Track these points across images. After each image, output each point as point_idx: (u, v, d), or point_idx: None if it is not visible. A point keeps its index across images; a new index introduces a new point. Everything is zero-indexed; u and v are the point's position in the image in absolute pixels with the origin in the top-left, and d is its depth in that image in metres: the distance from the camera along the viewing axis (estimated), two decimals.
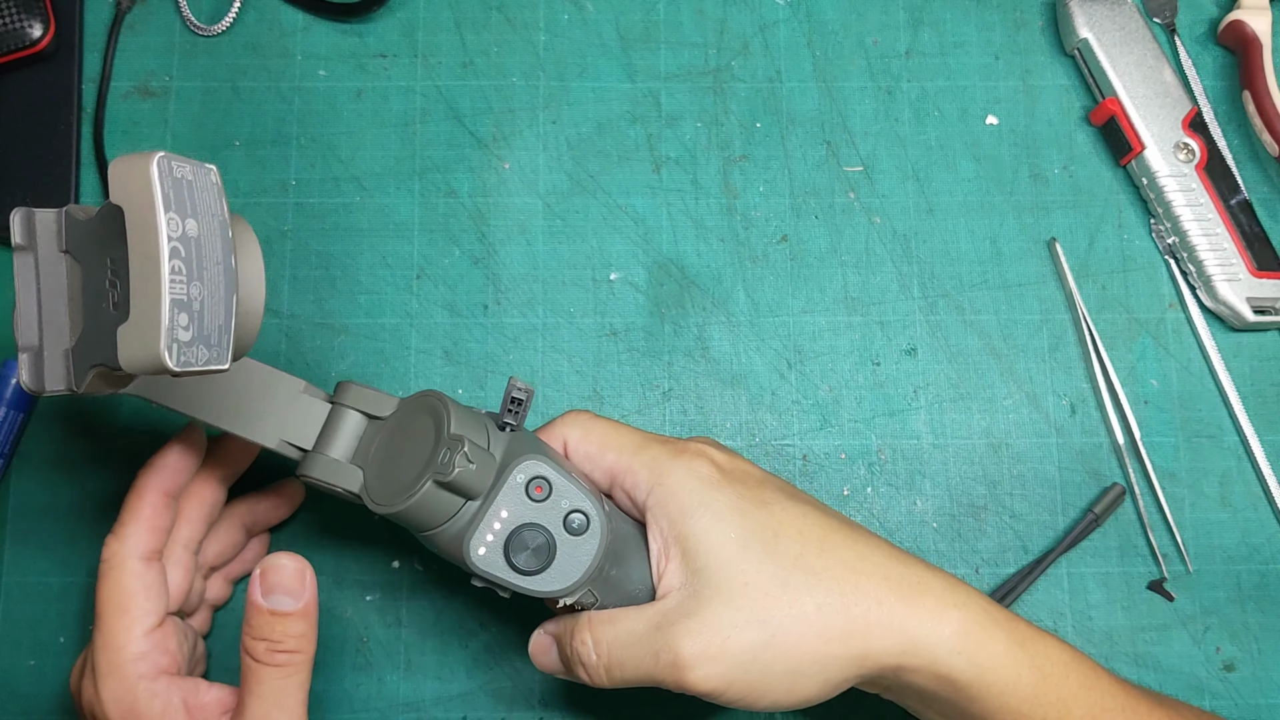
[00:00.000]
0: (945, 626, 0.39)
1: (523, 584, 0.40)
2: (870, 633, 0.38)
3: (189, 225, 0.32)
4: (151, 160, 0.31)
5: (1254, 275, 0.56)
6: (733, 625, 0.38)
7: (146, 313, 0.31)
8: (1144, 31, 0.58)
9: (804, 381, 0.56)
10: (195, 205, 0.32)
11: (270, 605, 0.40)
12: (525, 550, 0.39)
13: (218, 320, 0.33)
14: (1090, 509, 0.54)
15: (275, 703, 0.40)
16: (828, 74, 0.59)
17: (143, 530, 0.44)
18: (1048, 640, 0.41)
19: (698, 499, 0.40)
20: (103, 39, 0.58)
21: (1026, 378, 0.56)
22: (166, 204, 0.31)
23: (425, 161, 0.57)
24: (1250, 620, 0.54)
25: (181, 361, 0.31)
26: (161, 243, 0.31)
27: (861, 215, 0.58)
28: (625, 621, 0.40)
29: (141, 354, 0.31)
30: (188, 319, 0.31)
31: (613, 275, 0.56)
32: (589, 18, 0.59)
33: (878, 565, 0.40)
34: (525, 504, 0.39)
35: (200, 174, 0.33)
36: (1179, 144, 0.57)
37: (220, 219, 0.33)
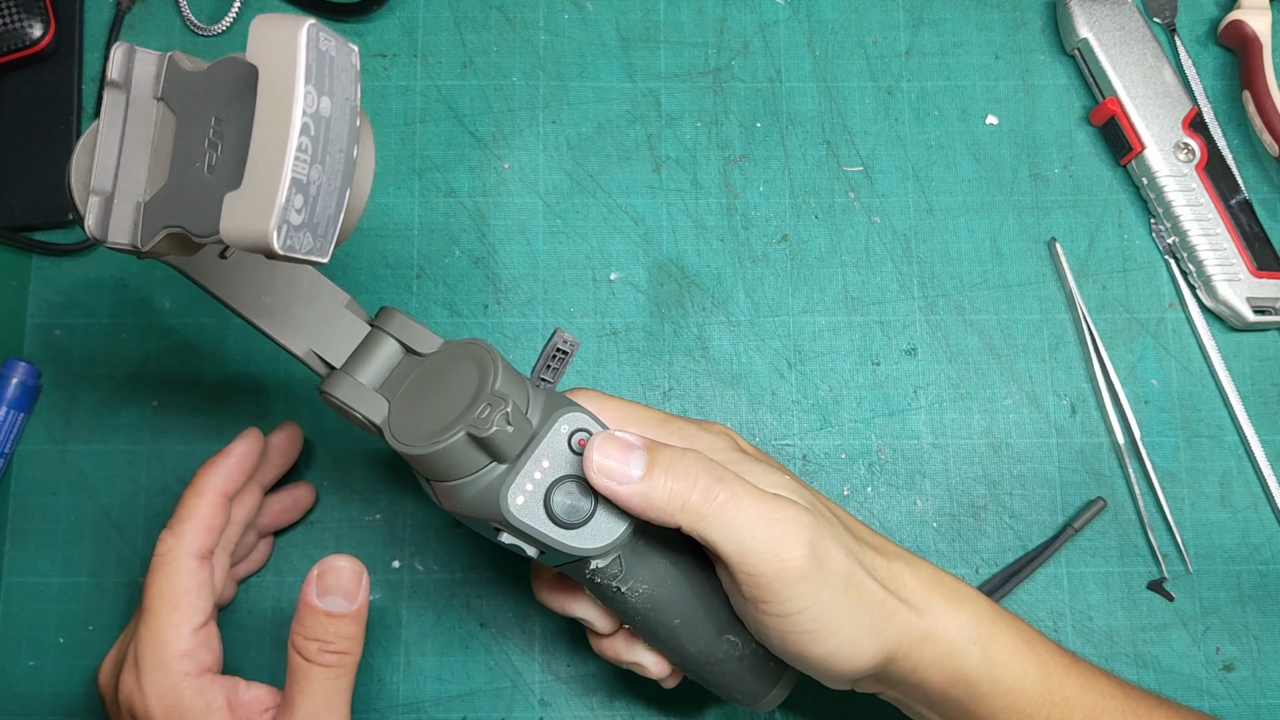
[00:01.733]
0: (962, 615, 0.39)
1: (561, 538, 0.37)
2: (898, 613, 0.38)
3: (323, 104, 0.29)
4: (302, 26, 0.29)
5: (1254, 275, 0.56)
6: (833, 538, 0.37)
7: (262, 185, 0.29)
8: (1144, 31, 0.58)
9: (804, 381, 0.56)
10: (333, 84, 0.30)
11: (325, 606, 0.40)
12: (566, 503, 0.37)
13: (329, 210, 0.31)
14: (1070, 523, 0.54)
15: (325, 702, 0.40)
16: (828, 74, 0.59)
17: (200, 529, 0.44)
18: (1048, 641, 0.42)
19: (735, 461, 0.40)
20: (103, 39, 0.58)
21: (1026, 378, 0.56)
22: (308, 75, 0.29)
23: (425, 161, 0.57)
24: (1250, 620, 0.54)
25: (286, 245, 0.29)
26: (295, 116, 0.28)
27: (861, 215, 0.57)
28: (747, 481, 0.38)
29: (247, 227, 0.29)
30: (302, 201, 0.29)
31: (613, 275, 0.56)
32: (589, 17, 0.59)
33: (897, 553, 0.41)
34: (567, 456, 0.38)
35: (343, 52, 0.30)
36: (1179, 144, 0.56)
37: (352, 104, 0.31)
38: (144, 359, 0.55)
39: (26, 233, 0.56)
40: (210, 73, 0.33)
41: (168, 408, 0.55)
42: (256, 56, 0.29)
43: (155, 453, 0.54)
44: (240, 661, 0.52)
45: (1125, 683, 0.43)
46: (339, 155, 0.30)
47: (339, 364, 0.41)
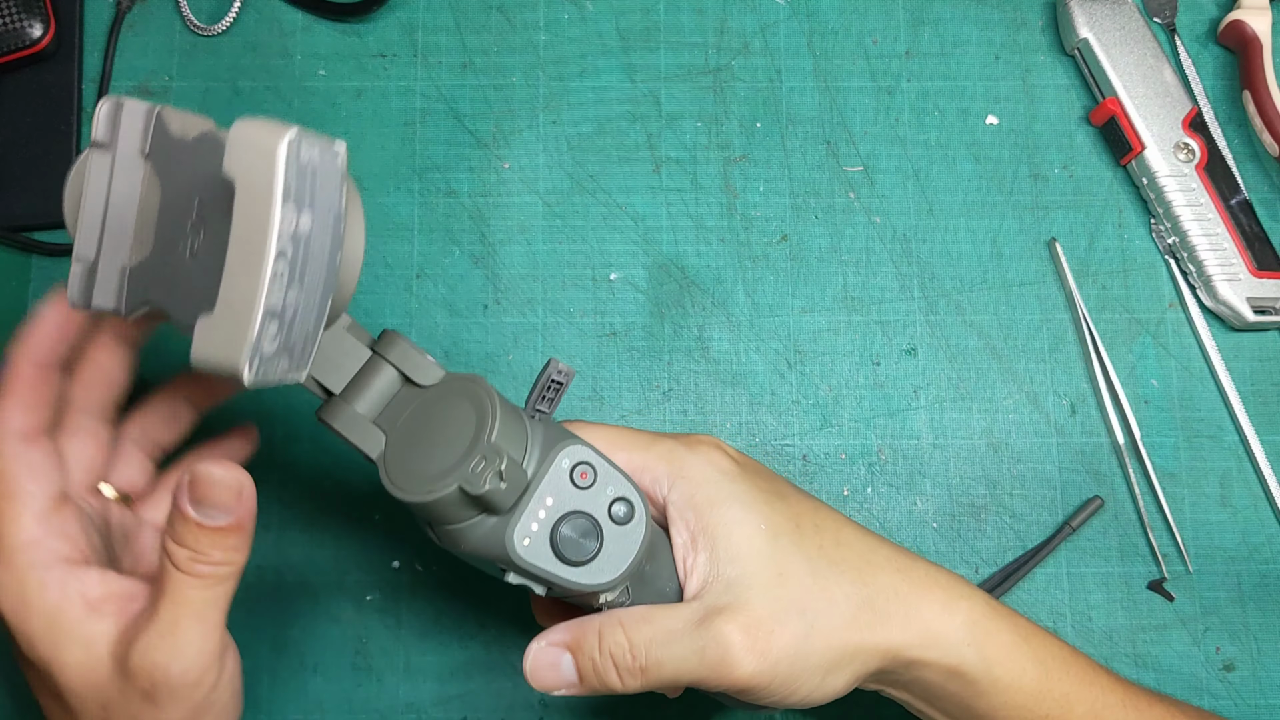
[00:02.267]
0: (956, 617, 0.39)
1: (570, 576, 0.37)
2: (892, 624, 0.39)
3: (303, 220, 0.28)
4: (281, 141, 0.27)
5: (1254, 275, 0.56)
6: (775, 618, 0.37)
7: (235, 315, 0.27)
8: (1144, 31, 0.58)
9: (804, 381, 0.56)
10: (315, 196, 0.28)
11: (199, 518, 0.34)
12: (573, 539, 0.37)
13: (307, 328, 0.29)
14: (1067, 522, 0.54)
15: (193, 612, 0.35)
16: (828, 74, 0.59)
17: (16, 407, 0.37)
18: (1046, 636, 0.41)
19: (724, 490, 0.39)
20: (103, 39, 0.58)
21: (1027, 378, 0.56)
22: (286, 193, 0.27)
23: (425, 161, 0.57)
24: (1250, 620, 0.54)
25: (259, 375, 0.28)
26: (270, 242, 0.27)
27: (862, 215, 0.57)
28: (662, 619, 0.38)
29: (217, 356, 0.28)
30: (277, 328, 0.28)
31: (613, 275, 0.56)
32: (589, 17, 0.59)
33: (888, 558, 0.40)
34: (570, 491, 0.37)
35: (327, 156, 0.28)
36: (1179, 144, 0.56)
37: (336, 211, 0.29)
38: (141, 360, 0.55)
39: (26, 233, 0.56)
40: (196, 147, 0.31)
41: None
42: (234, 170, 0.27)
43: None
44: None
45: (1123, 679, 0.43)
46: (319, 269, 0.29)
47: (338, 390, 0.40)
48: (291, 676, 0.52)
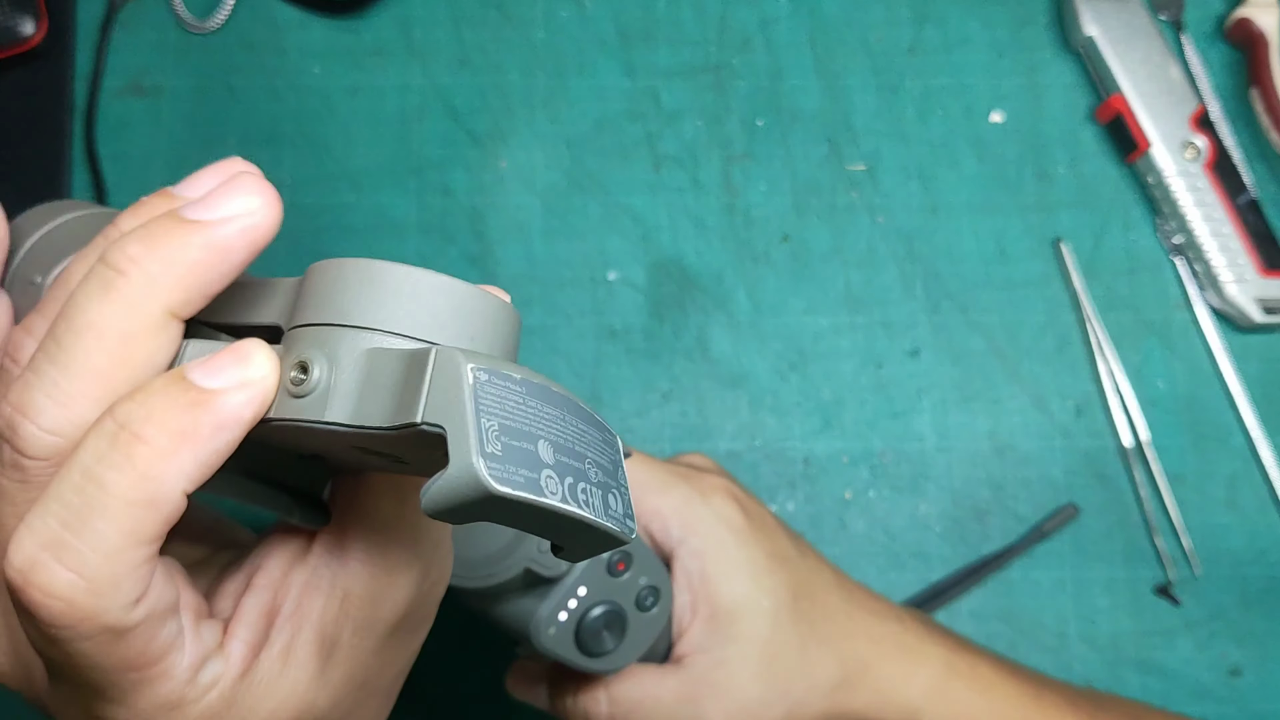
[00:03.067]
0: (915, 682, 0.42)
1: (586, 665, 0.37)
2: (858, 694, 0.41)
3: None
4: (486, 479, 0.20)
5: (1262, 275, 0.55)
6: (762, 704, 0.38)
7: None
8: (1150, 28, 0.57)
9: (806, 383, 0.55)
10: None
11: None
12: (600, 633, 0.36)
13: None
14: (1039, 527, 0.53)
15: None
16: (830, 71, 0.58)
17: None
18: (1010, 683, 0.43)
19: (736, 557, 0.40)
20: (95, 36, 0.57)
21: (1032, 379, 0.55)
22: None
23: (421, 160, 0.57)
24: (1257, 625, 0.53)
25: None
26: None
27: (864, 214, 0.57)
28: (648, 684, 0.38)
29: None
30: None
31: (611, 275, 0.56)
32: (588, 14, 0.59)
33: (865, 628, 0.42)
34: (605, 580, 0.36)
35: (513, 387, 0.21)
36: (1186, 142, 0.56)
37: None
38: None
39: None
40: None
41: None
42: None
43: None
44: None
45: (1099, 707, 0.45)
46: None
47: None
48: None
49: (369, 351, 0.21)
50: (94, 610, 0.21)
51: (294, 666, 0.25)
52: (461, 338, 0.22)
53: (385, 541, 0.26)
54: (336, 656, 0.26)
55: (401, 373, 0.20)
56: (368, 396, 0.21)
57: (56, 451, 0.23)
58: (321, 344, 0.22)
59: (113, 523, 0.21)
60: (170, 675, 0.23)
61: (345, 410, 0.21)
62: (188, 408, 0.21)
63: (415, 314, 0.22)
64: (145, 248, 0.23)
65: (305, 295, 0.23)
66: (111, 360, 0.22)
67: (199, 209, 0.23)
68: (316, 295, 0.23)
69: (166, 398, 0.21)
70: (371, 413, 0.21)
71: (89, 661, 0.22)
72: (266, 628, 0.26)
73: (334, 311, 0.22)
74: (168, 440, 0.21)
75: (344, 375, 0.21)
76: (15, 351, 0.26)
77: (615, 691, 0.38)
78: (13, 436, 0.23)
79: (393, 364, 0.21)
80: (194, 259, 0.23)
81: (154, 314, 0.22)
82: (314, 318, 0.22)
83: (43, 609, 0.21)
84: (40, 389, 0.23)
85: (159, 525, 0.21)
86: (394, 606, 0.27)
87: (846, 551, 0.54)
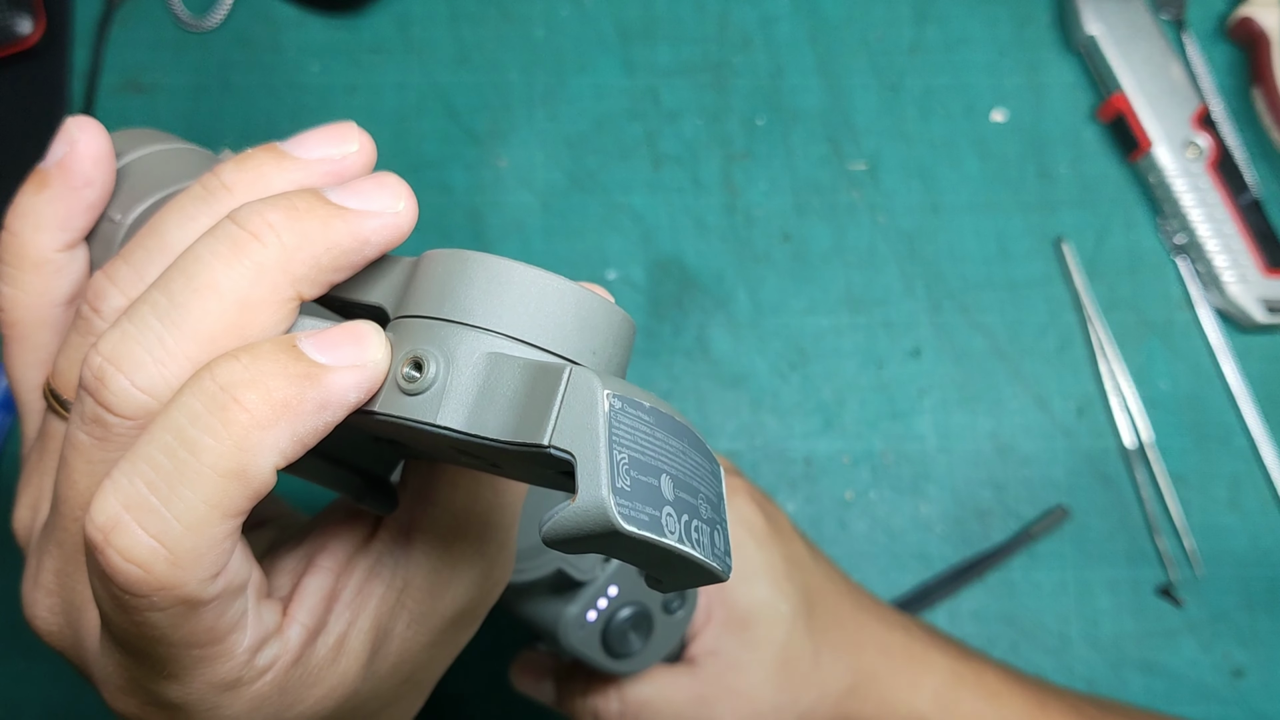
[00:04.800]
0: (923, 692, 0.42)
1: (610, 666, 0.36)
2: (867, 703, 0.41)
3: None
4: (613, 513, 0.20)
5: (1265, 274, 0.55)
6: (775, 709, 0.38)
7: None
8: (1152, 27, 0.57)
9: (806, 383, 0.55)
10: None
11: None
12: (627, 634, 0.36)
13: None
14: (1027, 529, 0.53)
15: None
16: (831, 70, 0.58)
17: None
18: (1016, 691, 0.43)
19: (756, 561, 0.39)
20: (92, 34, 0.57)
21: (1033, 379, 0.55)
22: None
23: (420, 158, 0.56)
24: (1260, 626, 0.53)
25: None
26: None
27: (865, 213, 0.57)
28: (660, 685, 0.38)
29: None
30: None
31: (611, 274, 0.56)
32: (587, 12, 0.58)
33: (874, 636, 0.42)
34: (636, 582, 0.36)
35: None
36: (1188, 141, 0.56)
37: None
38: None
39: None
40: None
41: None
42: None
43: None
44: None
45: (1104, 711, 0.45)
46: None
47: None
48: None
49: (490, 355, 0.21)
50: (172, 582, 0.20)
51: (346, 654, 0.25)
52: (585, 351, 0.21)
53: (453, 535, 0.25)
54: (387, 647, 0.25)
55: (526, 385, 0.20)
56: (486, 404, 0.20)
57: (145, 412, 0.21)
58: (438, 340, 0.21)
59: (201, 492, 0.20)
60: (230, 655, 0.22)
61: (460, 416, 0.20)
62: (295, 379, 0.20)
63: (541, 321, 0.21)
64: (286, 218, 0.22)
65: (420, 283, 0.22)
66: (226, 326, 0.21)
67: (347, 195, 0.23)
68: (434, 286, 0.22)
69: (275, 364, 0.20)
70: (489, 423, 0.20)
71: (155, 633, 0.21)
72: (325, 613, 0.24)
73: (454, 307, 0.21)
74: (269, 410, 0.20)
75: (461, 377, 0.20)
76: (97, 300, 0.24)
77: (627, 690, 0.38)
78: (99, 389, 0.21)
79: (517, 374, 0.20)
80: (333, 241, 0.22)
81: (281, 287, 0.21)
82: (431, 310, 0.22)
83: (120, 573, 0.20)
84: (140, 343, 0.21)
85: (247, 500, 0.20)
86: (452, 602, 0.26)
87: (847, 552, 0.53)
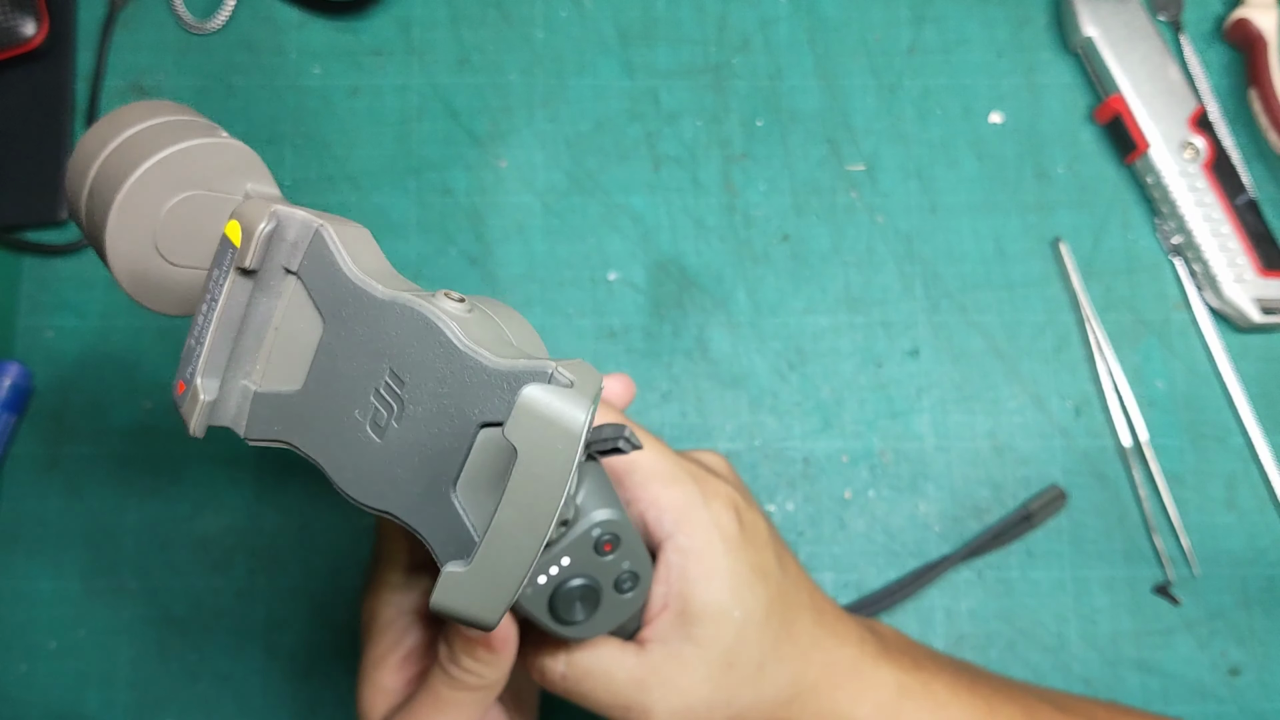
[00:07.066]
0: (862, 708, 0.42)
1: (554, 629, 0.37)
2: (804, 712, 0.41)
3: (570, 487, 0.26)
4: (583, 435, 0.25)
5: (1261, 275, 0.55)
6: (708, 706, 0.39)
7: (497, 579, 0.26)
8: (1149, 29, 0.57)
9: (805, 383, 0.55)
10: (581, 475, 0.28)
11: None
12: (573, 603, 0.37)
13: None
14: (1025, 506, 0.53)
15: (436, 704, 0.38)
16: (829, 71, 0.58)
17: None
18: (961, 702, 0.44)
19: (719, 565, 0.40)
20: (96, 37, 0.58)
21: (1031, 379, 0.55)
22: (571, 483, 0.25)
23: (421, 160, 0.57)
24: (1256, 624, 0.53)
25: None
26: (550, 525, 0.26)
27: (864, 214, 0.57)
28: (606, 658, 0.39)
29: (467, 609, 0.26)
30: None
31: (611, 275, 0.56)
32: (587, 14, 0.59)
33: (825, 651, 0.42)
34: (589, 557, 0.36)
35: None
36: (1184, 142, 0.56)
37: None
38: (136, 360, 0.55)
39: (18, 232, 0.55)
40: (395, 310, 0.28)
41: (160, 410, 0.54)
42: (522, 442, 0.25)
43: (147, 456, 0.54)
44: (232, 668, 0.52)
45: (1060, 709, 0.45)
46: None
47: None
48: (285, 681, 0.52)
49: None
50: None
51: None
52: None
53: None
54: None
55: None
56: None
57: None
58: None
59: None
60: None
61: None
62: None
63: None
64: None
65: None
66: None
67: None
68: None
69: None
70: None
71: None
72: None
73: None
74: None
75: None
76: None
77: (575, 656, 0.39)
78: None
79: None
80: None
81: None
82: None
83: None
84: None
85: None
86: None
87: (846, 551, 0.54)
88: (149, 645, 0.52)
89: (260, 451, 0.54)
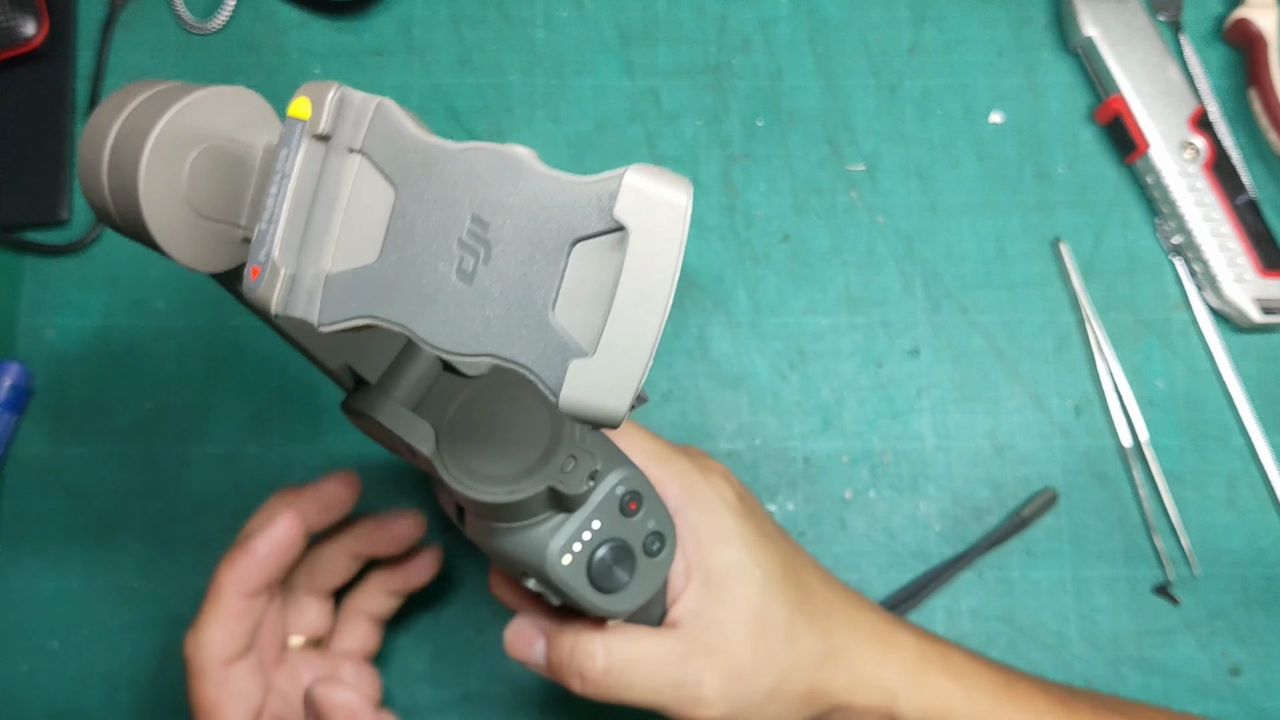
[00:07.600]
0: (889, 667, 0.42)
1: (596, 602, 0.37)
2: (839, 675, 0.42)
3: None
4: (688, 200, 0.26)
5: (1261, 275, 0.55)
6: (753, 667, 0.39)
7: (623, 363, 0.26)
8: (1149, 29, 0.57)
9: (806, 383, 0.55)
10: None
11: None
12: (609, 568, 0.37)
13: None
14: (1018, 511, 0.53)
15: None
16: (830, 71, 0.58)
17: (222, 635, 0.42)
18: (982, 671, 0.44)
19: (729, 528, 0.40)
20: (96, 36, 0.58)
21: (1031, 379, 0.55)
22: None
23: None
24: (1257, 624, 0.53)
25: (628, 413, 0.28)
26: (669, 296, 0.26)
27: (864, 214, 0.57)
28: (645, 642, 0.39)
29: (598, 402, 0.26)
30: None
31: None
32: (587, 14, 0.59)
33: (840, 611, 0.43)
34: (617, 519, 0.37)
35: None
36: (1185, 142, 0.56)
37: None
38: (137, 360, 0.55)
39: (18, 231, 0.55)
40: (468, 156, 0.28)
41: (161, 409, 0.54)
42: (631, 220, 0.26)
43: (149, 455, 0.54)
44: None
45: (1071, 695, 0.45)
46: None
47: (374, 379, 0.36)
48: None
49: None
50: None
51: None
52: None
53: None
54: None
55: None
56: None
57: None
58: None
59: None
60: None
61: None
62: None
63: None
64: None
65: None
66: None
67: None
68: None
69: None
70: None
71: None
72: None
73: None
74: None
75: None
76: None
77: (613, 646, 0.39)
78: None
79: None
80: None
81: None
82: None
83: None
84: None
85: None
86: None
87: (846, 551, 0.54)
88: (151, 645, 0.52)
89: (260, 451, 0.54)
